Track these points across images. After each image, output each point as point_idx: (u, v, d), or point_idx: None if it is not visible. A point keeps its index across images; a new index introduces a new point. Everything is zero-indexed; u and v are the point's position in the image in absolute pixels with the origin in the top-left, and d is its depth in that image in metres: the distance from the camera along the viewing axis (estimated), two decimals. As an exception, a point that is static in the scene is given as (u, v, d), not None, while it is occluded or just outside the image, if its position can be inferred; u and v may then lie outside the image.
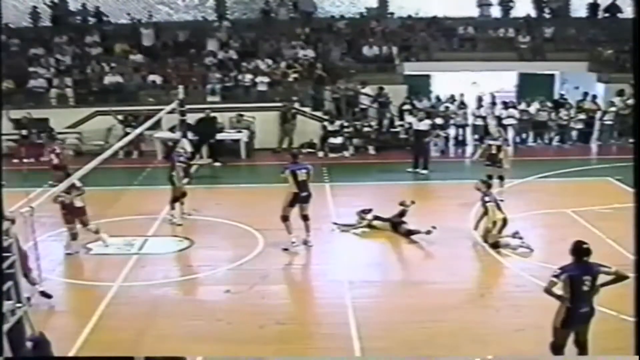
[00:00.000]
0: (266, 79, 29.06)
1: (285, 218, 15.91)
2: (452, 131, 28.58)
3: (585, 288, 9.34)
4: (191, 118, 24.56)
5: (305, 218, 16.12)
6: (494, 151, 19.92)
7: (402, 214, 17.12)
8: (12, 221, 9.09)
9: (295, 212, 15.99)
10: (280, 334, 11.75)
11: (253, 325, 12.02)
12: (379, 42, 31.14)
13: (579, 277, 9.33)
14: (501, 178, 19.76)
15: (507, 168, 19.93)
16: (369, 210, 17.55)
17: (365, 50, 30.89)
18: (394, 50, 30.90)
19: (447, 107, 28.63)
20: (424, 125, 23.71)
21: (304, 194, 15.89)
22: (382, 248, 16.37)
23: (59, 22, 33.34)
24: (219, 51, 30.78)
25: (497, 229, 15.73)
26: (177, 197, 18.13)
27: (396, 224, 16.99)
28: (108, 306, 12.88)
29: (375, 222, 17.32)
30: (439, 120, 27.04)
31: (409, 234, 16.57)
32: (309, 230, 16.18)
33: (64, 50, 31.06)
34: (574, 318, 9.48)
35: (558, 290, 9.44)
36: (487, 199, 15.93)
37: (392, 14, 33.83)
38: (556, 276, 9.38)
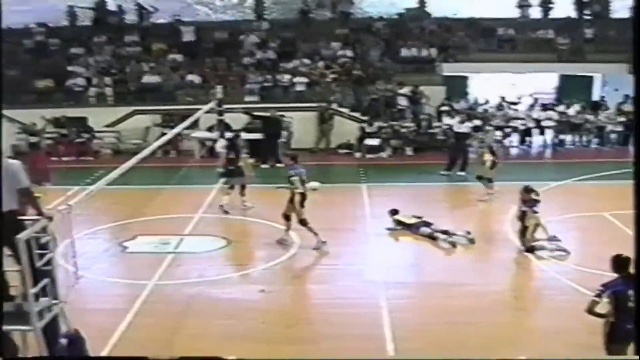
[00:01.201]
0: (304, 80, 29.09)
1: (304, 221, 15.95)
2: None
3: (631, 304, 8.89)
4: (229, 117, 24.54)
5: (303, 222, 16.20)
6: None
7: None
8: (50, 218, 9.15)
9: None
10: (313, 334, 11.75)
11: (286, 325, 12.04)
12: (418, 42, 31.02)
13: (624, 293, 8.96)
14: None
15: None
16: (396, 211, 17.43)
17: (404, 51, 30.79)
18: (433, 51, 30.75)
19: (485, 109, 28.45)
20: (464, 127, 23.54)
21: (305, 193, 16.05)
22: (417, 249, 16.30)
23: (98, 21, 33.59)
24: (257, 51, 30.85)
25: (530, 233, 15.58)
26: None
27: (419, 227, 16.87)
28: (143, 304, 12.95)
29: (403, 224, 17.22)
30: (477, 122, 26.86)
31: (432, 237, 16.45)
32: (289, 229, 16.29)
33: (103, 49, 31.33)
34: (620, 334, 9.01)
35: (601, 309, 9.14)
36: (527, 205, 15.71)
37: (430, 14, 33.64)
38: (598, 295, 9.05)
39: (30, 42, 32.48)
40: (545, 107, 28.57)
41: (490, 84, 32.24)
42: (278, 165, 24.60)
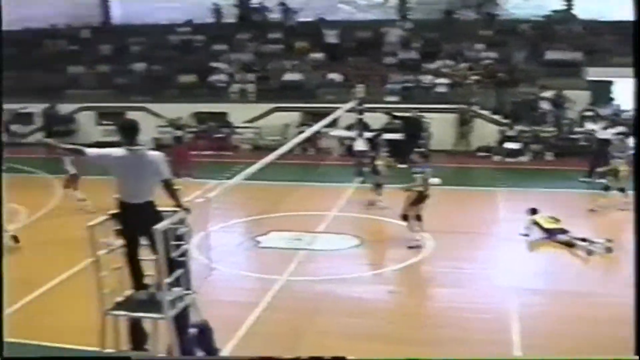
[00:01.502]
0: (446, 81, 28.84)
1: (405, 217, 15.95)
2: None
3: None
4: (369, 117, 24.53)
5: (419, 218, 16.02)
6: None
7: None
8: (188, 210, 9.33)
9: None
10: (439, 337, 11.60)
11: (413, 327, 11.95)
12: (563, 45, 30.21)
13: None
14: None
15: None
16: (535, 211, 17.01)
17: (549, 53, 30.03)
18: (578, 54, 29.89)
19: (630, 116, 27.46)
20: (607, 134, 22.78)
21: (426, 192, 15.81)
22: (551, 256, 15.85)
23: (242, 19, 34.26)
24: (399, 51, 30.78)
25: None
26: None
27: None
28: (272, 299, 13.10)
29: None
30: (621, 129, 25.90)
31: (569, 244, 15.99)
32: (422, 230, 16.09)
33: (246, 46, 31.93)
34: None
35: None
36: None
37: (577, 17, 32.68)
38: None
39: (176, 38, 33.50)
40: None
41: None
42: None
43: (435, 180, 16.79)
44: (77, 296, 13.16)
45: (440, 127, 27.15)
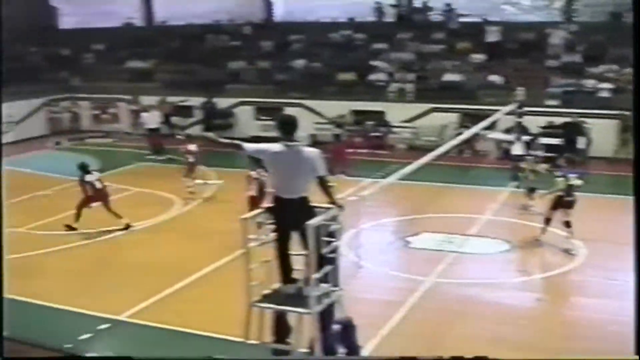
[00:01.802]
0: (610, 85, 27.92)
1: (547, 221, 15.71)
2: None
3: None
4: (528, 120, 24.06)
5: (568, 224, 15.61)
6: None
7: None
8: (342, 207, 9.40)
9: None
10: (586, 349, 11.26)
11: (560, 337, 11.68)
12: None
13: None
14: None
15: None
16: None
17: None
18: None
19: None
20: None
21: (569, 198, 15.31)
22: None
23: (404, 18, 34.24)
24: (563, 54, 30.03)
25: None
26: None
27: None
28: (418, 300, 13.09)
29: None
30: None
31: None
32: (572, 236, 15.65)
33: (407, 46, 31.90)
34: None
35: None
36: None
37: None
38: None
39: (337, 36, 33.80)
40: None
41: None
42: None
43: (577, 182, 16.28)
44: (225, 286, 13.52)
45: (601, 133, 26.28)
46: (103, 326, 12.71)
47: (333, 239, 9.03)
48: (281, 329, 9.34)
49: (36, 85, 34.24)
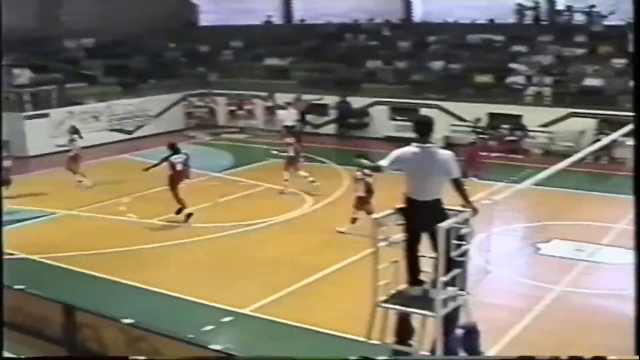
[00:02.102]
0: None
1: None
2: None
3: None
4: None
5: None
6: None
7: None
8: (476, 211, 9.34)
9: None
10: None
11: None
12: None
13: None
14: None
15: None
16: None
17: None
18: None
19: None
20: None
21: None
22: None
23: (544, 20, 33.58)
24: None
25: None
26: None
27: None
28: (545, 308, 12.85)
29: None
30: None
31: None
32: None
33: (547, 49, 31.27)
34: None
35: None
36: None
37: None
38: None
39: (475, 38, 33.45)
40: None
41: None
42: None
43: None
44: (351, 285, 13.65)
45: None
46: (226, 319, 13.00)
47: (463, 243, 8.98)
48: (404, 330, 9.35)
49: (174, 80, 35.26)
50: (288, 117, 28.39)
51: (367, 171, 16.97)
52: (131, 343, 6.93)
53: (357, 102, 31.67)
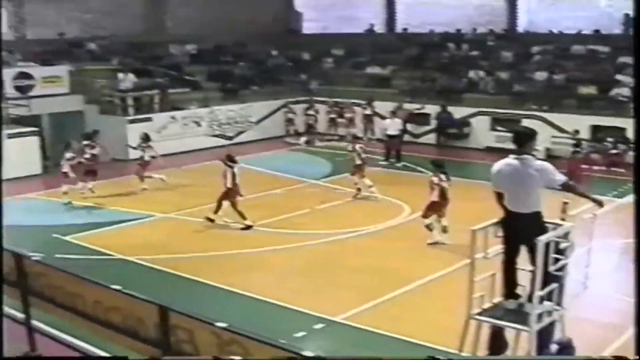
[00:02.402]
0: None
1: None
2: None
3: None
4: None
5: None
6: None
7: None
8: (601, 204, 9.19)
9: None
10: None
11: None
12: None
13: None
14: None
15: None
16: None
17: None
18: None
19: None
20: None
21: None
22: None
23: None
24: None
25: None
26: None
27: None
28: (643, 325, 12.48)
29: None
30: None
31: None
32: None
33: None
34: None
35: None
36: None
37: None
38: None
39: (581, 48, 32.80)
40: None
41: None
42: None
43: None
44: (445, 296, 13.55)
45: None
46: (318, 325, 13.06)
47: (561, 257, 8.85)
48: (497, 343, 9.25)
49: (276, 87, 35.59)
50: (392, 126, 28.31)
51: (443, 177, 17.39)
52: (223, 346, 6.99)
53: (458, 112, 31.40)
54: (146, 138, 24.28)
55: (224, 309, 13.17)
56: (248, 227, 19.30)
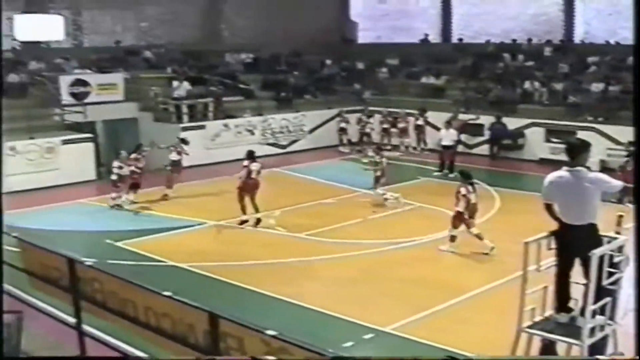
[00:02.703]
0: None
1: None
2: None
3: None
4: None
5: None
6: None
7: None
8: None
9: None
10: None
11: None
12: None
13: None
14: None
15: None
16: None
17: None
18: None
19: None
20: None
21: None
22: None
23: None
24: None
25: None
26: None
27: None
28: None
29: None
30: None
31: None
32: None
33: None
34: None
35: None
36: None
37: None
38: None
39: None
40: None
41: None
42: None
43: None
44: (496, 308, 13.42)
45: None
46: (367, 336, 12.99)
47: (616, 270, 8.74)
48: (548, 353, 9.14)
49: (330, 96, 35.64)
50: (446, 136, 28.17)
51: (470, 188, 17.58)
52: (272, 354, 7.00)
53: (512, 122, 31.11)
54: (182, 141, 24.45)
55: (272, 317, 13.20)
56: (243, 222, 20.19)
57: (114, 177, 22.45)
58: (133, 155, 22.90)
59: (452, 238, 17.80)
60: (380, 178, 22.62)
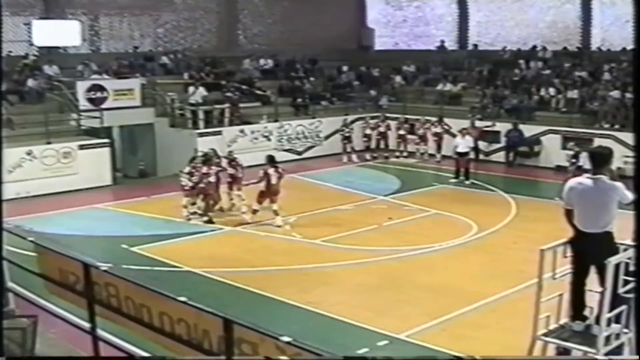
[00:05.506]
0: None
1: None
2: None
3: None
4: None
5: None
6: None
7: None
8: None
9: None
10: None
11: None
12: None
13: None
14: None
15: None
16: None
17: None
18: None
19: None
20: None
21: None
22: None
23: None
24: None
25: None
26: None
27: None
28: None
29: None
30: None
31: None
32: None
33: None
34: None
35: None
36: None
37: None
38: None
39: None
40: None
41: None
42: None
43: None
44: (511, 316, 13.39)
45: None
46: (382, 342, 12.97)
47: (632, 279, 8.67)
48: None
49: (346, 102, 35.62)
50: (462, 143, 28.09)
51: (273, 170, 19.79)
52: (287, 360, 7.00)
53: (529, 130, 31.00)
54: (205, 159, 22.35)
55: (287, 323, 13.18)
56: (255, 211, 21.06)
57: (183, 182, 21.59)
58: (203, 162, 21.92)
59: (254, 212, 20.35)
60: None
